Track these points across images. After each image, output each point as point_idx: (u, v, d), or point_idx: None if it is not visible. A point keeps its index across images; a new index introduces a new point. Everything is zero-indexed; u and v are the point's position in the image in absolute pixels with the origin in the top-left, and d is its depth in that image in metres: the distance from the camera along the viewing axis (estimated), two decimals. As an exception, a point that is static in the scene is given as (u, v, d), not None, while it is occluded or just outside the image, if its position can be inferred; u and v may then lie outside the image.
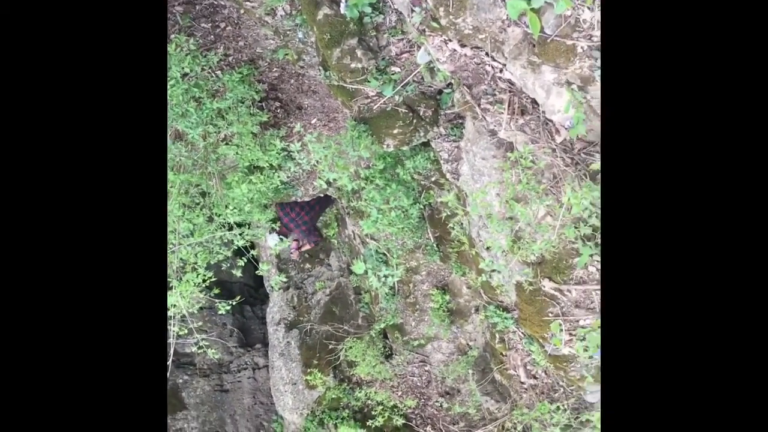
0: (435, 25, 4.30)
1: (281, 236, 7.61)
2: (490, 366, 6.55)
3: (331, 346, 7.59)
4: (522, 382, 6.01)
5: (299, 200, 7.28)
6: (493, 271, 5.33)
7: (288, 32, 5.94)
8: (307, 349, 7.64)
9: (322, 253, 8.17)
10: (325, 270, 8.08)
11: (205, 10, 5.95)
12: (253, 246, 6.13)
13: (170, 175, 5.21)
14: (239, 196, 5.90)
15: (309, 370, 7.46)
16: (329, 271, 8.06)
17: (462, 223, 5.85)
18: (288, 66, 6.28)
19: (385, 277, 6.43)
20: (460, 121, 5.60)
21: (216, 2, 5.93)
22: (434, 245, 6.61)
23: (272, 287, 8.26)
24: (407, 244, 6.71)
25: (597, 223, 4.00)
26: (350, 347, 7.36)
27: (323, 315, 7.77)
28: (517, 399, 6.20)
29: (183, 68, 5.36)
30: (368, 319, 7.60)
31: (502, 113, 4.52)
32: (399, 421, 7.11)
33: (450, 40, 4.38)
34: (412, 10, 4.52)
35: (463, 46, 4.37)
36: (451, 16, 4.10)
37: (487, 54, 4.29)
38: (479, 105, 4.65)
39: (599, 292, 4.42)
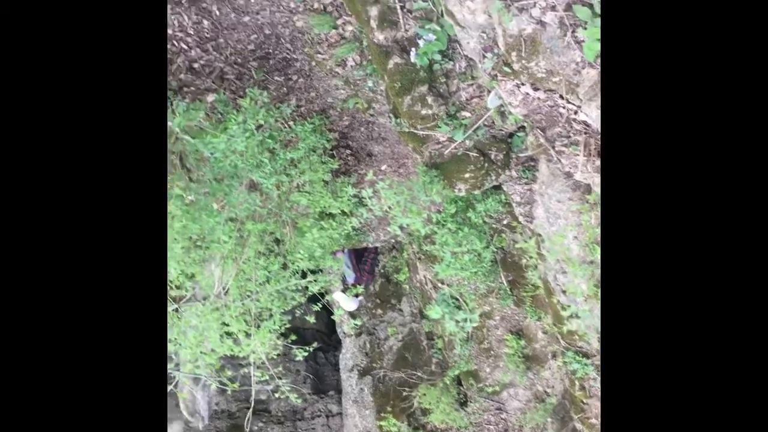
0: (507, 69, 4.31)
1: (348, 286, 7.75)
2: (569, 414, 6.32)
3: (404, 393, 7.50)
4: (605, 432, 5.77)
5: (370, 245, 7.35)
6: (571, 316, 5.19)
7: (358, 82, 6.06)
8: (380, 396, 7.57)
9: (393, 298, 8.15)
10: (397, 315, 8.04)
11: (279, 63, 6.15)
12: (326, 293, 6.19)
13: (248, 225, 5.33)
14: (311, 243, 5.97)
15: (383, 416, 7.38)
16: (401, 316, 8.02)
17: (537, 267, 5.75)
18: (358, 114, 6.40)
19: (463, 321, 6.34)
20: (533, 163, 5.55)
21: (289, 56, 6.12)
22: (507, 289, 6.50)
23: (345, 333, 8.27)
24: (480, 289, 6.61)
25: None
26: (424, 394, 7.25)
27: (396, 361, 7.71)
28: (600, 449, 5.95)
29: (257, 120, 5.52)
30: (442, 365, 7.49)
31: (578, 155, 4.45)
32: (476, 471, 6.93)
33: (523, 84, 4.38)
34: (484, 56, 4.55)
35: (536, 89, 4.35)
36: (523, 61, 4.10)
37: (561, 96, 4.26)
38: (554, 147, 4.60)
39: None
